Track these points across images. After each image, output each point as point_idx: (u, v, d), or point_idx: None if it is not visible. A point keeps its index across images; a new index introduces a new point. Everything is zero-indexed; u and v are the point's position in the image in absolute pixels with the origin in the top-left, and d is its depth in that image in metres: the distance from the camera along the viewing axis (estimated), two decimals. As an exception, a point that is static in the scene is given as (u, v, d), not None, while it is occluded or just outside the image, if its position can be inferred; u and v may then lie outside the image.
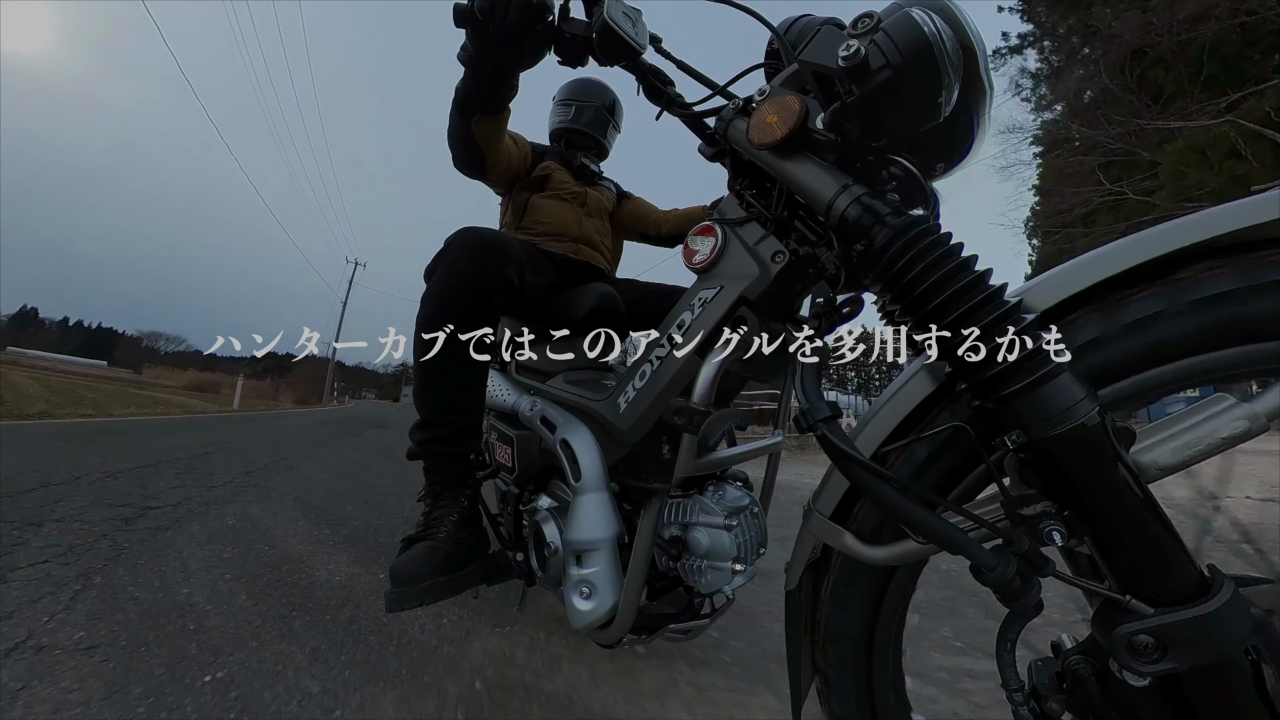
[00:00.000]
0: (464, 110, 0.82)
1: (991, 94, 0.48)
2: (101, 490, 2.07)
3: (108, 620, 1.02)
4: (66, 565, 1.27)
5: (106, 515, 1.72)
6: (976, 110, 0.48)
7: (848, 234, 0.45)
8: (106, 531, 1.55)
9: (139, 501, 1.95)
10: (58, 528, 1.53)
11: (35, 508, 1.71)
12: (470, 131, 0.86)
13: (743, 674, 0.96)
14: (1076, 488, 0.34)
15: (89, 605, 1.07)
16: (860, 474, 0.38)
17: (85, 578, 1.21)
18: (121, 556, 1.37)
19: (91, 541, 1.45)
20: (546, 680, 0.90)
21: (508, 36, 0.62)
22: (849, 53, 0.40)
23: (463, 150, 0.90)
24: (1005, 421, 0.36)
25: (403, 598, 0.71)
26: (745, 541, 0.67)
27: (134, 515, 1.76)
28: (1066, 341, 0.36)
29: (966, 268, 0.38)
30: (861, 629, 0.46)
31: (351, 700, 0.82)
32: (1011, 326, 0.35)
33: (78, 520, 1.63)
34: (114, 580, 1.21)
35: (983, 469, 0.41)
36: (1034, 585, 0.35)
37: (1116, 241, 0.37)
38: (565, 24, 0.63)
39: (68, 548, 1.38)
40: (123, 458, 2.90)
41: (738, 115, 0.55)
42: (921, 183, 0.47)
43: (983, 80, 0.46)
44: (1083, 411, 0.33)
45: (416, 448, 0.83)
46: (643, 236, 1.36)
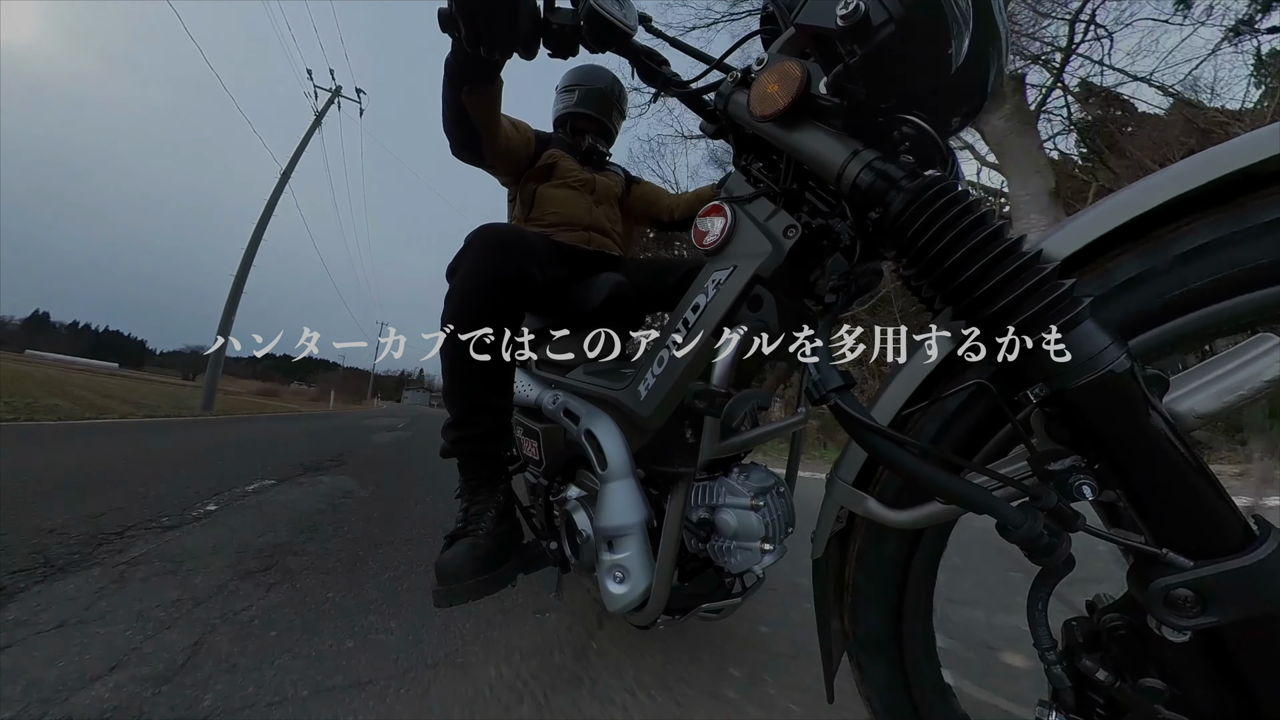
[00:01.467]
0: (454, 81, 0.79)
1: (1007, 37, 0.46)
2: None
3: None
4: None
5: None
6: (992, 56, 0.45)
7: (861, 202, 0.43)
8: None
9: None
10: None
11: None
12: (462, 104, 0.83)
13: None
14: (1106, 439, 0.33)
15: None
16: (875, 440, 0.37)
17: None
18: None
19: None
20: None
21: (493, 39, 0.61)
22: (848, 10, 0.39)
23: (457, 127, 0.88)
24: (1028, 376, 0.35)
25: (450, 595, 0.73)
26: (773, 521, 0.67)
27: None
28: (1091, 288, 0.34)
29: (984, 223, 0.37)
30: (891, 592, 0.46)
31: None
32: (1030, 277, 0.34)
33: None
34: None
35: (1008, 428, 0.41)
36: (1063, 540, 0.34)
37: (1145, 180, 0.36)
38: (552, 15, 0.62)
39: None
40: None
41: (737, 88, 0.54)
42: (937, 141, 0.46)
43: (997, 23, 0.44)
44: (1109, 359, 0.32)
45: (450, 446, 0.85)
46: (653, 222, 1.34)
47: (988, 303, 0.36)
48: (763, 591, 1.04)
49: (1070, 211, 4.26)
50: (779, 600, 1.22)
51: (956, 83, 0.44)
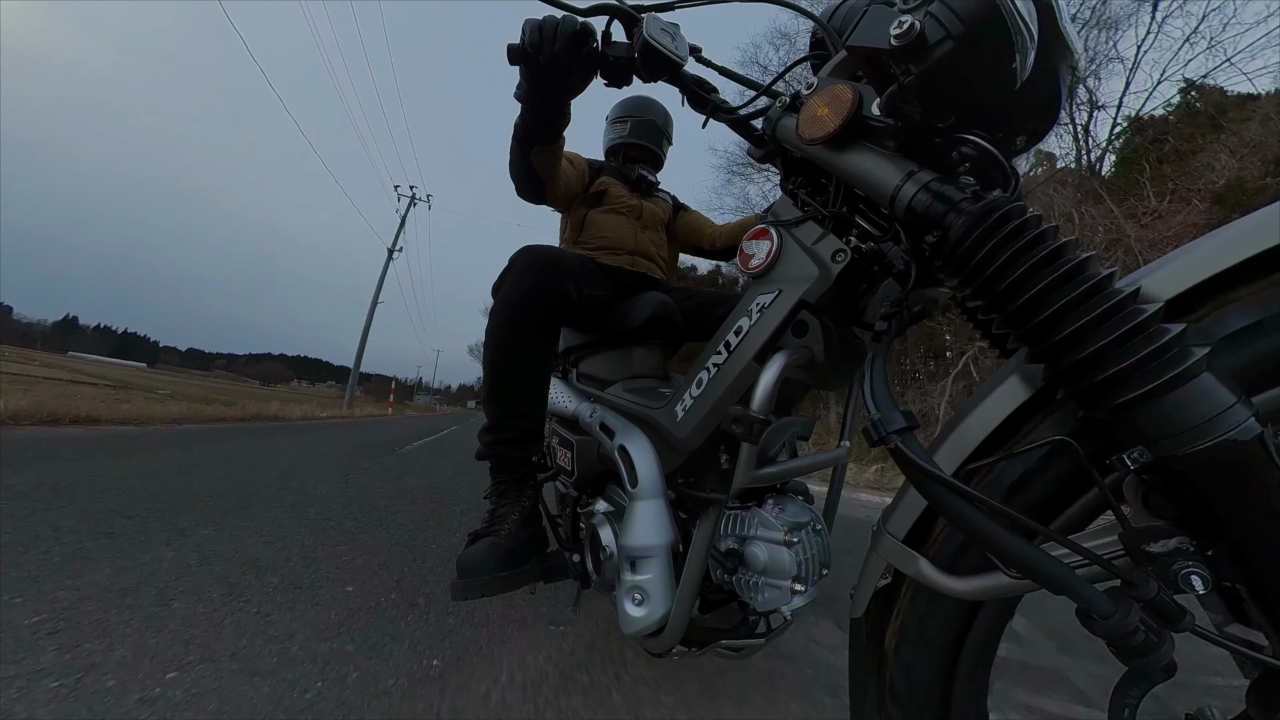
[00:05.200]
0: (523, 144, 0.88)
1: (1076, 52, 0.42)
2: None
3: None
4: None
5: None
6: (1062, 71, 0.42)
7: (916, 225, 0.41)
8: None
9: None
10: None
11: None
12: (530, 163, 0.92)
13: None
14: (1225, 520, 0.27)
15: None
16: (942, 493, 0.33)
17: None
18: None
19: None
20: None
21: (556, 65, 0.65)
22: (902, 30, 0.37)
23: (524, 180, 0.97)
24: (1123, 436, 0.30)
25: (467, 588, 0.76)
26: (806, 560, 0.63)
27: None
28: (1205, 336, 0.29)
29: (1063, 254, 0.33)
30: (939, 666, 0.41)
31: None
32: (1126, 320, 0.29)
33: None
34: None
35: (1094, 494, 0.35)
36: (1165, 642, 0.28)
37: (1265, 210, 0.30)
38: (608, 48, 0.66)
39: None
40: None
41: (785, 113, 0.53)
42: (1000, 161, 0.42)
43: (1065, 37, 0.40)
44: (1233, 421, 0.26)
45: (484, 449, 0.89)
46: (696, 250, 1.37)
47: (1073, 347, 0.31)
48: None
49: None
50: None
51: (1022, 99, 0.41)
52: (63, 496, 1.71)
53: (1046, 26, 0.39)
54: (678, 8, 0.64)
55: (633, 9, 0.62)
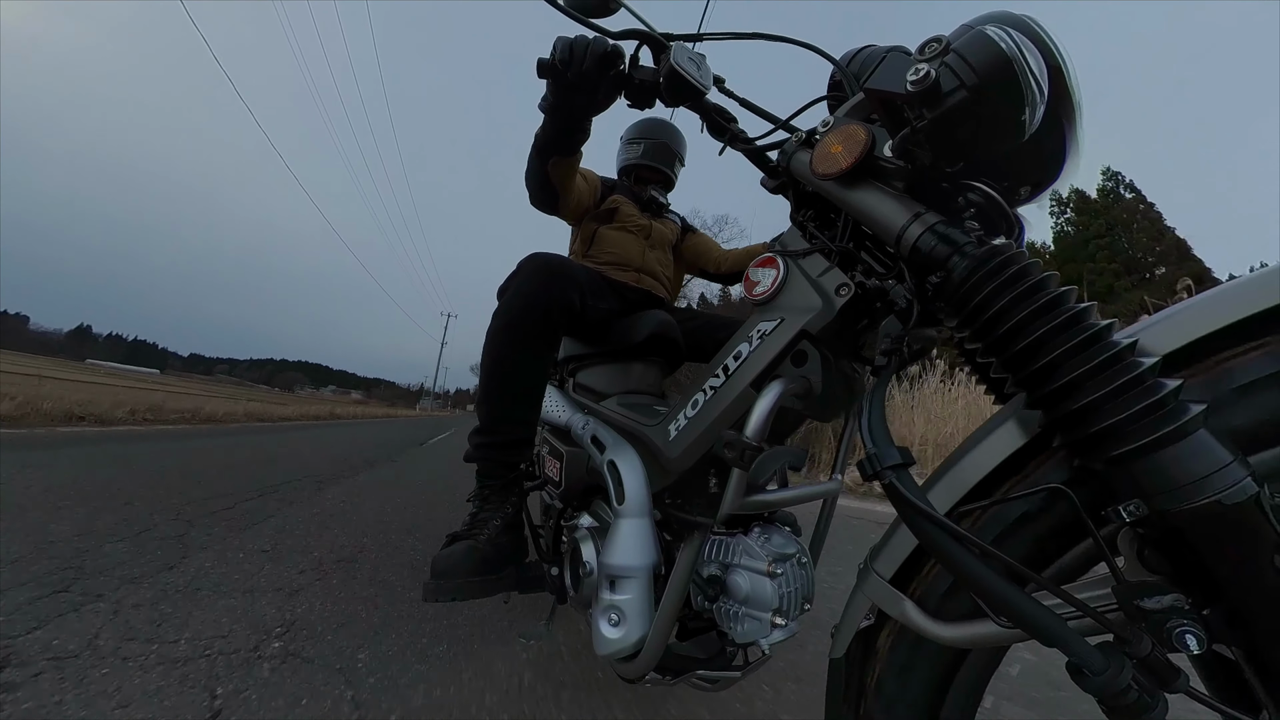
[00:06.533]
0: (542, 153, 0.90)
1: (1081, 110, 0.44)
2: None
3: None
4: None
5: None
6: (1068, 128, 0.44)
7: (921, 265, 0.42)
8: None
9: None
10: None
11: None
12: (547, 172, 0.94)
13: None
14: (1222, 580, 0.27)
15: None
16: (934, 533, 0.32)
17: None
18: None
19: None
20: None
21: (584, 83, 0.67)
22: (918, 76, 0.39)
23: (539, 189, 0.99)
24: (1119, 488, 0.30)
25: (439, 590, 0.74)
26: (789, 593, 0.61)
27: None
28: (1202, 392, 0.29)
29: (1062, 302, 0.34)
30: (919, 713, 0.39)
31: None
32: (1125, 372, 0.30)
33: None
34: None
35: (1088, 544, 0.35)
36: (1157, 703, 0.27)
37: (1269, 270, 0.30)
38: (635, 70, 0.68)
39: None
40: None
41: (801, 147, 0.55)
42: (1004, 209, 0.44)
43: (1071, 96, 0.42)
44: (1229, 480, 0.26)
45: (473, 451, 0.88)
46: (701, 272, 1.39)
47: (1070, 395, 0.31)
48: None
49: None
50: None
51: (1028, 152, 0.43)
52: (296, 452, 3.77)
53: (1056, 84, 0.41)
54: (706, 39, 0.66)
55: (663, 36, 0.64)
